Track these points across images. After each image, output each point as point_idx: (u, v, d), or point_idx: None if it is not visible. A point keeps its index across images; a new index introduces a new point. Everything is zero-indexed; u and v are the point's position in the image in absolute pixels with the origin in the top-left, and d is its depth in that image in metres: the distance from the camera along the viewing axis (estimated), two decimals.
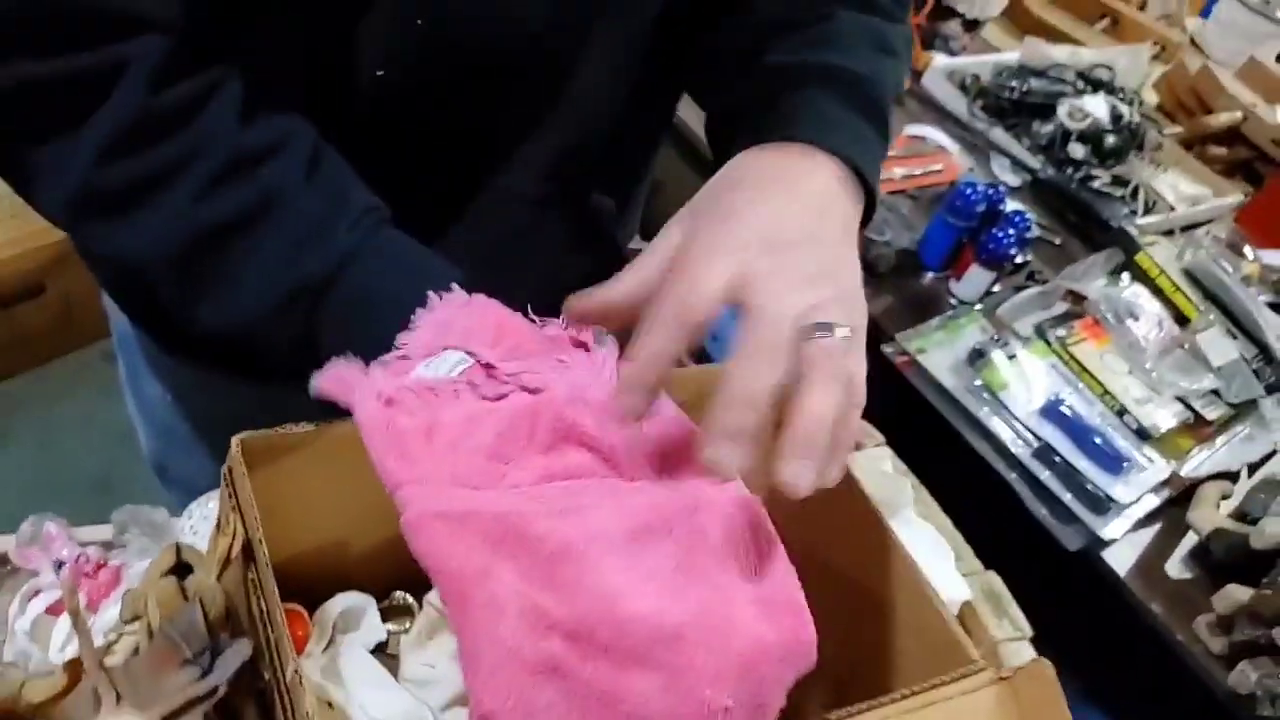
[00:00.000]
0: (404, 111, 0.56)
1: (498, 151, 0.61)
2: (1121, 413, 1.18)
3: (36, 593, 0.60)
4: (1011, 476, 1.14)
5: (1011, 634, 0.79)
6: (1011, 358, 1.19)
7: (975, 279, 1.30)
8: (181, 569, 0.53)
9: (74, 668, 0.51)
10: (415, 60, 0.54)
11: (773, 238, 0.47)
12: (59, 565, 0.61)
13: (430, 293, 0.50)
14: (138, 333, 0.78)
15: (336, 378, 0.49)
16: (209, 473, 0.86)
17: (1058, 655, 1.20)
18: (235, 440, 0.56)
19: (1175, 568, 1.14)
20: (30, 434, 1.82)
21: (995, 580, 0.81)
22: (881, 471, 0.81)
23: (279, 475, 0.60)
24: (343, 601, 0.64)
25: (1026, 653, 0.79)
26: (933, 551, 0.76)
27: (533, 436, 0.49)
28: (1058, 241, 1.51)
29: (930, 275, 1.37)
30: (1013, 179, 1.60)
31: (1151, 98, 1.96)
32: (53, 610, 0.59)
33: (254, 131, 0.50)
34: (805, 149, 0.53)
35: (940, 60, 1.74)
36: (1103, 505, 1.10)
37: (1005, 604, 0.80)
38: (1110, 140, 1.60)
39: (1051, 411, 1.14)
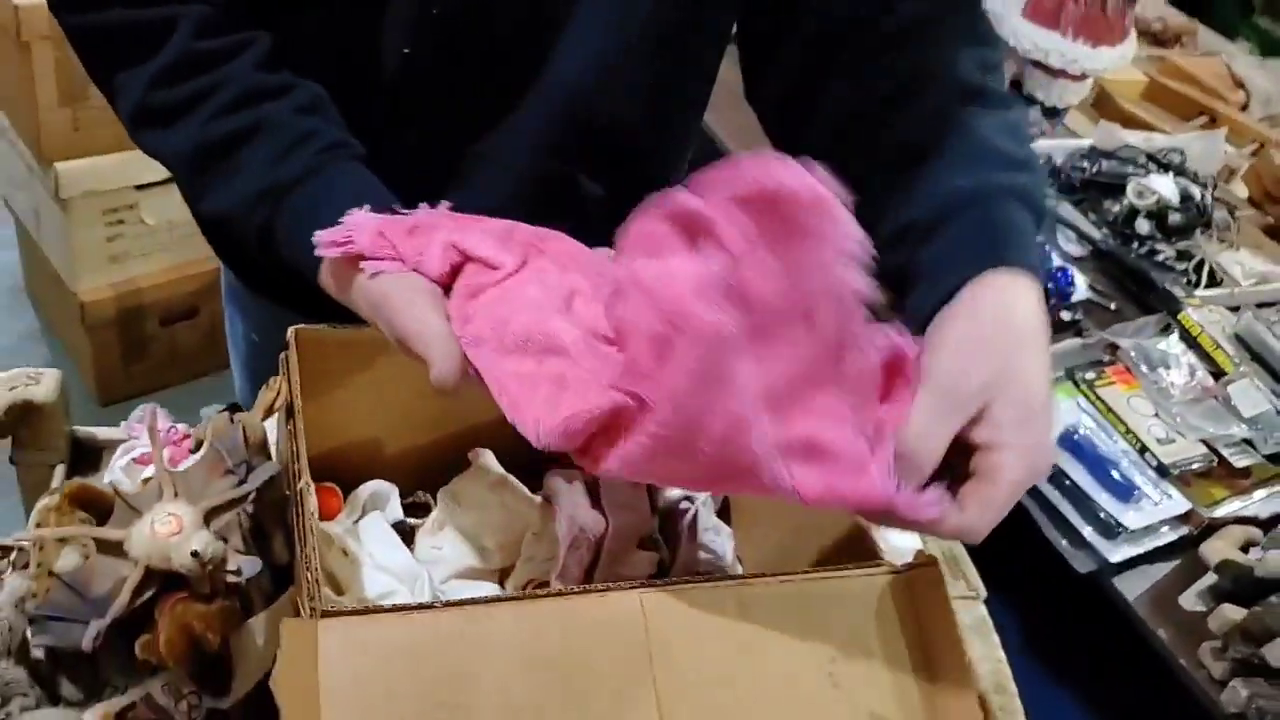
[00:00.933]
0: (423, 83, 0.73)
1: (492, 123, 0.75)
2: (1143, 450, 1.24)
3: (133, 449, 0.76)
4: (1028, 501, 1.21)
5: (965, 592, 0.87)
6: None
7: None
8: (234, 410, 0.69)
9: (149, 481, 0.66)
10: (434, 39, 0.70)
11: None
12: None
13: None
14: (230, 275, 0.96)
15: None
16: None
17: (1064, 672, 1.25)
18: (291, 329, 0.71)
19: (1189, 600, 1.18)
20: None
21: (958, 548, 0.90)
22: None
23: (328, 373, 0.75)
24: (372, 486, 0.78)
25: (979, 610, 0.86)
26: None
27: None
28: (1113, 307, 1.57)
29: None
30: (1076, 250, 1.68)
31: (1241, 190, 2.01)
32: (141, 461, 0.75)
33: (267, 78, 0.67)
34: (1023, 277, 0.60)
35: None
36: (1112, 531, 1.16)
37: (963, 565, 0.88)
38: (1175, 217, 1.66)
39: (1066, 440, 1.21)
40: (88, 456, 0.84)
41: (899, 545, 0.84)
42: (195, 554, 0.59)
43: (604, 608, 0.59)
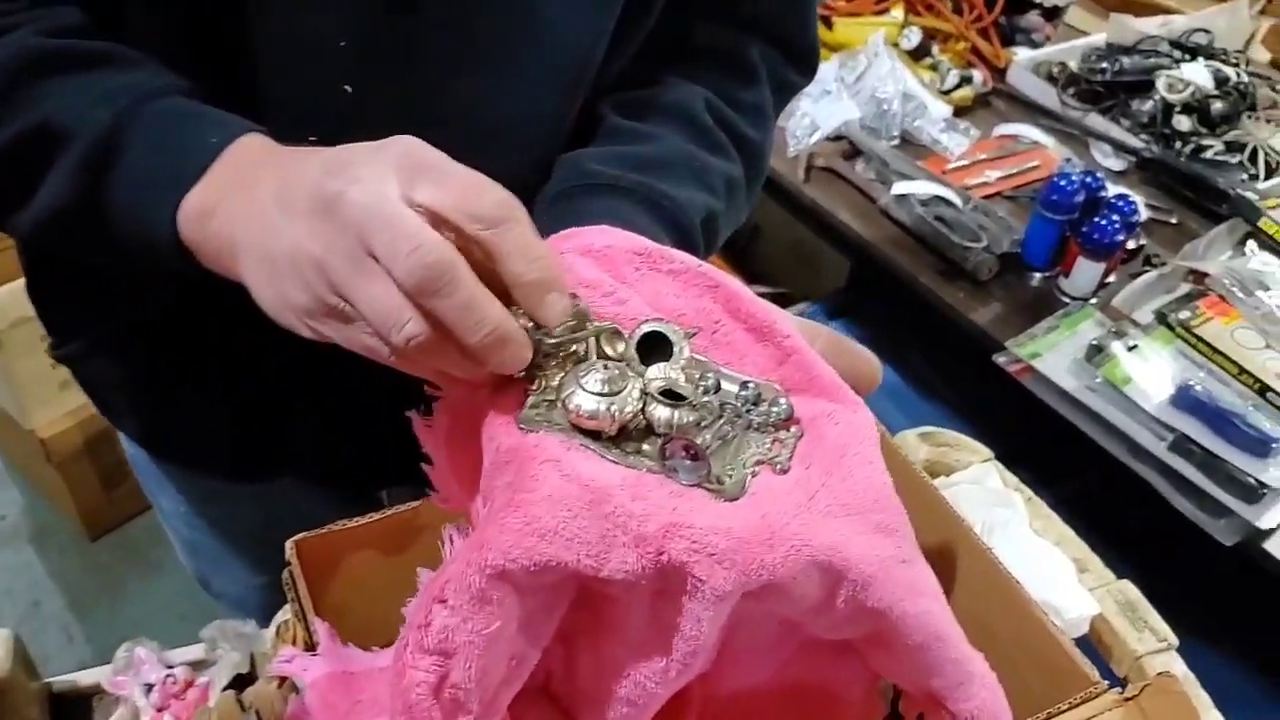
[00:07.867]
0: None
1: None
2: (1264, 391, 1.08)
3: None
4: (1150, 474, 1.06)
5: (1154, 645, 0.72)
6: (1133, 348, 1.11)
7: (1084, 272, 1.23)
8: (246, 681, 0.53)
9: None
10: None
11: None
12: (149, 688, 0.62)
13: None
14: (141, 450, 0.81)
15: None
16: (254, 586, 0.87)
17: (1233, 656, 1.11)
18: (289, 544, 0.56)
19: None
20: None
21: (1130, 589, 0.75)
22: (988, 489, 0.76)
23: (336, 570, 0.60)
24: None
25: (1175, 665, 0.72)
26: (1050, 568, 0.70)
27: None
28: (1174, 221, 1.41)
29: (1038, 276, 1.30)
30: (1116, 164, 1.52)
31: (1262, 55, 1.84)
32: None
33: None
34: None
35: (1022, 54, 1.68)
36: (1255, 493, 1.01)
37: (1143, 613, 0.73)
38: (1217, 106, 1.50)
39: (1184, 399, 1.06)
40: (74, 711, 0.69)
41: (1081, 614, 0.70)
42: None
43: None
